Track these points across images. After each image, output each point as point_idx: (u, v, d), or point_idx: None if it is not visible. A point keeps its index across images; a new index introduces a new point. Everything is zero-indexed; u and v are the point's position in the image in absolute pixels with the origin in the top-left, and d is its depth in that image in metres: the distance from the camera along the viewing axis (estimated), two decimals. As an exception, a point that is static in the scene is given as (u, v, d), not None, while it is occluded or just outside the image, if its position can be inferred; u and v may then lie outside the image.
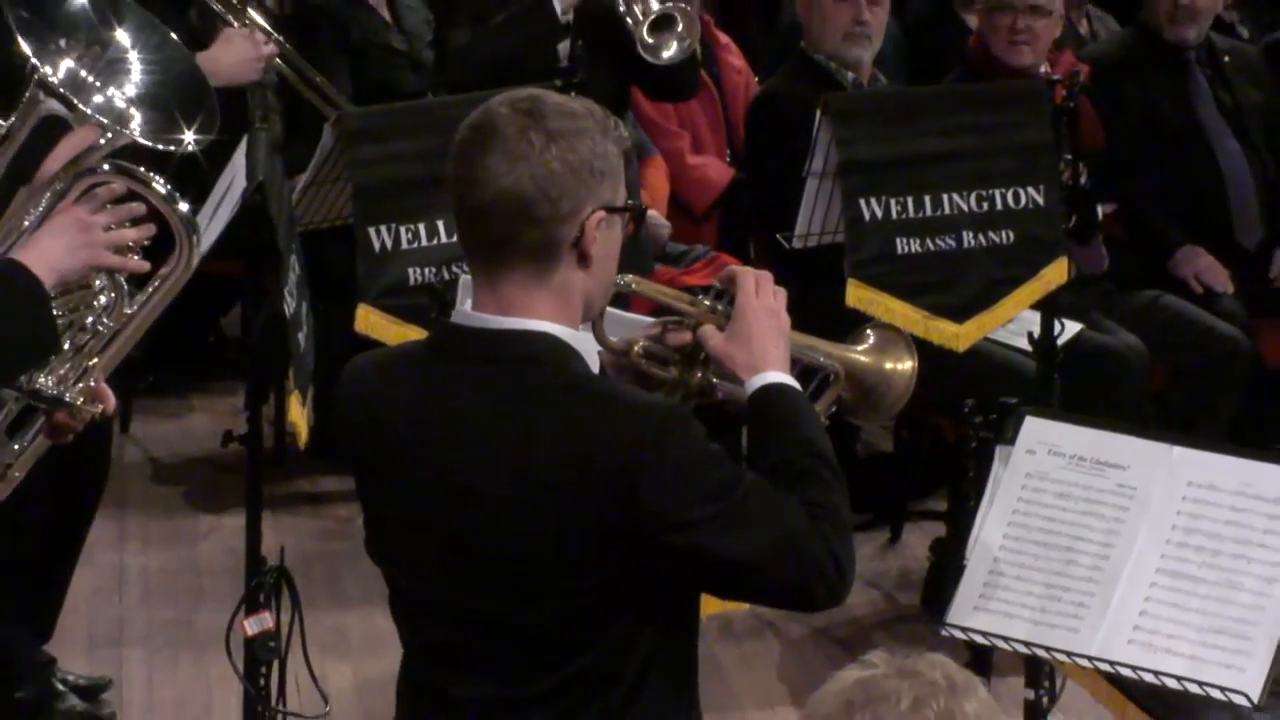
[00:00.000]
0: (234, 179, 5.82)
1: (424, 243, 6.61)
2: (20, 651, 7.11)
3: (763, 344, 4.31)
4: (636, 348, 4.48)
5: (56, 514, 6.87)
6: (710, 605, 4.39)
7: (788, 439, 4.21)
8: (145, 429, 9.61)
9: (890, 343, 4.76)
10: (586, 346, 4.18)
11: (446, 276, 6.40)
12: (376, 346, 6.78)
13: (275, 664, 6.09)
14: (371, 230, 6.57)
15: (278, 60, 8.03)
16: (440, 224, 6.62)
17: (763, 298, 4.37)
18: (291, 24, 8.72)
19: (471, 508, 4.08)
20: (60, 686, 7.33)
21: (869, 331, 4.77)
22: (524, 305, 4.11)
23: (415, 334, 6.30)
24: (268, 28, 8.07)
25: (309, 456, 8.30)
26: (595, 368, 4.20)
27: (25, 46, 5.00)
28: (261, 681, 6.10)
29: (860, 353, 4.71)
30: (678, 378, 4.47)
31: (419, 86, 8.57)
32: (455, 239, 6.46)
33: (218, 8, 7.82)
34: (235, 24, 7.46)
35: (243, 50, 7.10)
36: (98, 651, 7.74)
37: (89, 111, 4.97)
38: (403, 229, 6.61)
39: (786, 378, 4.30)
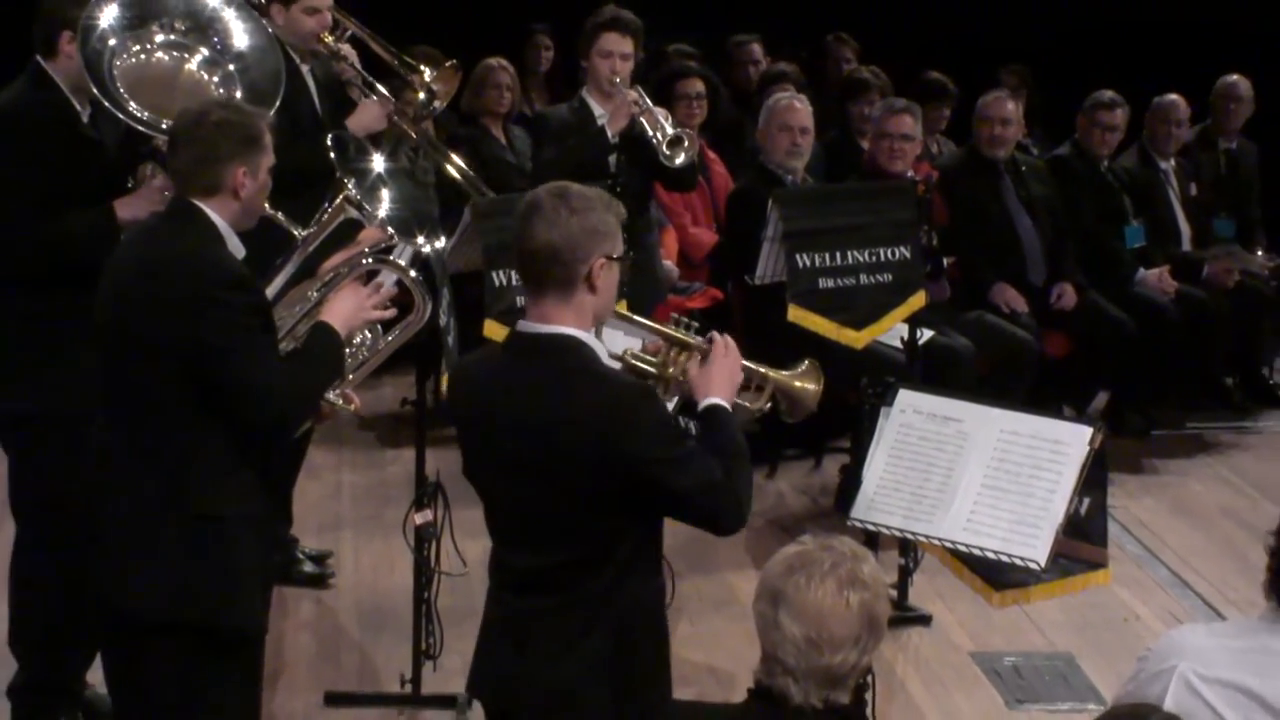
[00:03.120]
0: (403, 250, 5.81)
1: (525, 280, 6.60)
2: (276, 532, 7.14)
3: (717, 382, 4.39)
4: (628, 354, 4.57)
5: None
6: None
7: (719, 435, 4.28)
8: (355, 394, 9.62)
9: (808, 372, 4.83)
10: (595, 344, 4.22)
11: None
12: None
13: (433, 542, 6.10)
14: (494, 273, 6.54)
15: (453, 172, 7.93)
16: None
17: (728, 357, 4.45)
18: (448, 146, 8.70)
19: (521, 445, 4.12)
20: (300, 555, 7.35)
21: (804, 363, 4.83)
22: (556, 317, 4.15)
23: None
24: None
25: (450, 410, 8.34)
26: (604, 358, 4.24)
27: (347, 181, 5.08)
28: (425, 553, 6.12)
29: (787, 376, 4.77)
30: (657, 375, 4.53)
31: (523, 185, 8.53)
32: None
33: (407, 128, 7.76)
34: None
35: (372, 111, 7.02)
36: (323, 533, 7.74)
37: (380, 217, 5.04)
38: (513, 272, 6.59)
39: (722, 401, 4.37)
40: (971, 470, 5.22)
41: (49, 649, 5.94)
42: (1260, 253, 10.04)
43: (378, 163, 5.38)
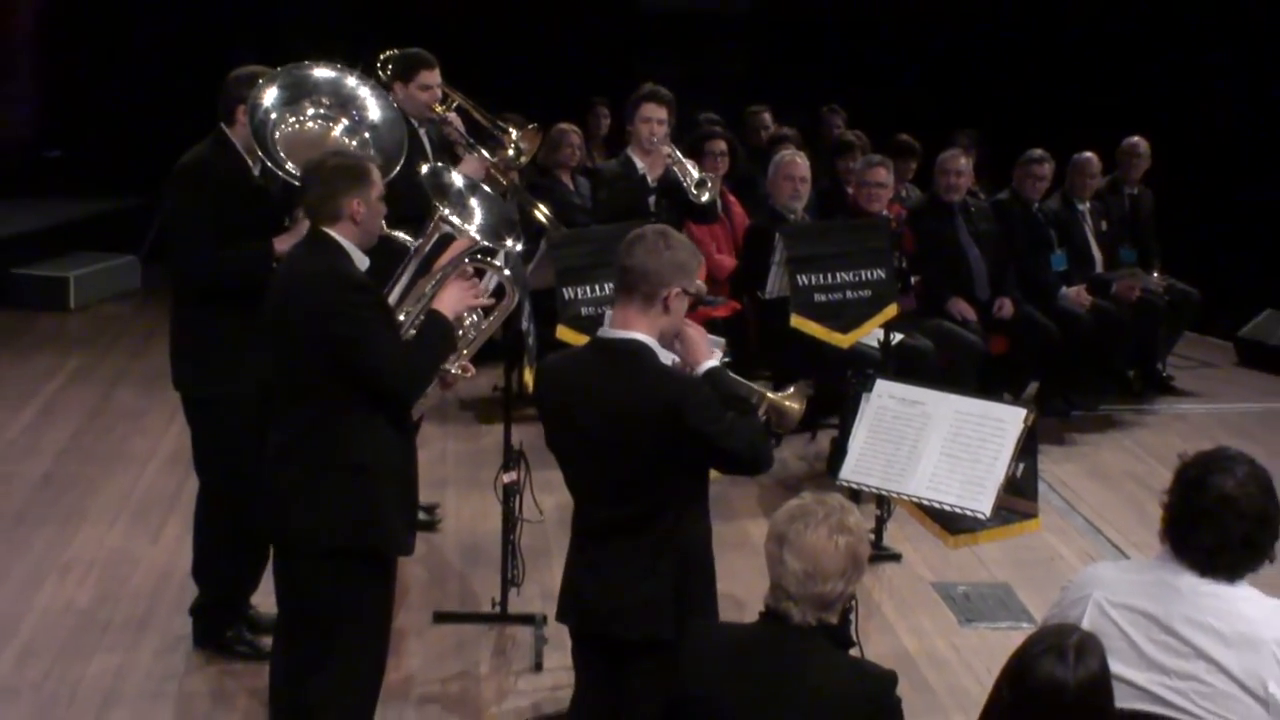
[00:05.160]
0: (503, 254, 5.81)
1: (588, 295, 6.59)
2: (414, 475, 7.11)
3: (698, 351, 4.28)
4: None
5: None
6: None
7: (726, 391, 4.23)
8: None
9: (797, 394, 4.69)
10: (658, 347, 4.18)
11: (598, 312, 6.36)
12: (566, 345, 6.78)
13: (517, 496, 6.09)
14: (565, 289, 6.55)
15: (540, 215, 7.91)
16: (596, 286, 6.60)
17: (692, 329, 4.31)
18: (530, 192, 8.69)
19: (602, 423, 4.10)
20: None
21: (791, 387, 4.72)
22: (633, 323, 4.13)
23: (585, 340, 6.28)
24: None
25: (534, 397, 8.31)
26: (667, 362, 4.20)
27: (436, 203, 5.08)
28: (510, 504, 6.11)
29: (778, 396, 4.66)
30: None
31: (586, 221, 8.53)
32: (605, 293, 6.49)
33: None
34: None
35: (473, 165, 6.99)
36: (430, 489, 7.70)
37: (468, 230, 5.04)
38: (578, 288, 6.58)
39: (714, 363, 4.28)
40: (933, 442, 5.19)
41: (223, 577, 5.97)
42: (1155, 274, 10.01)
43: (458, 178, 5.40)
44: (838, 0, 14.23)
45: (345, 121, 5.74)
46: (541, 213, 7.67)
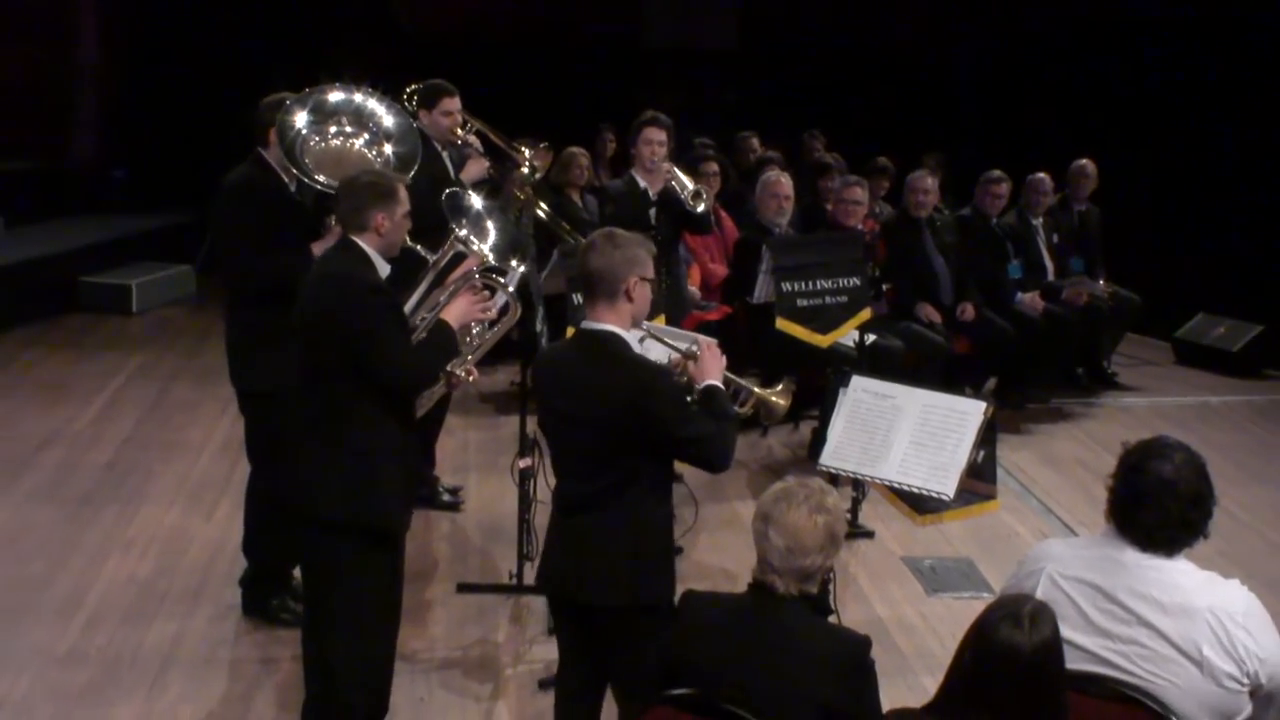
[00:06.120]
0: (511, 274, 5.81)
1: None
2: (423, 472, 7.11)
3: (709, 371, 4.31)
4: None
5: (430, 414, 6.83)
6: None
7: (714, 406, 4.21)
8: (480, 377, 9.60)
9: (783, 390, 4.70)
10: (632, 339, 4.19)
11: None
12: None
13: (532, 480, 6.08)
14: (574, 295, 6.51)
15: (540, 214, 7.86)
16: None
17: (711, 352, 4.37)
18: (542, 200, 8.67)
19: (576, 404, 4.09)
20: (440, 489, 7.32)
21: (780, 384, 4.72)
22: (604, 317, 4.13)
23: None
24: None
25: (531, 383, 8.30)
26: (635, 348, 4.20)
27: (453, 224, 5.07)
28: (526, 487, 6.09)
29: (766, 392, 4.66)
30: (679, 372, 4.42)
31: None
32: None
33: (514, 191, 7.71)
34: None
35: (477, 166, 6.98)
36: (455, 474, 7.72)
37: (479, 249, 5.04)
38: (586, 294, 6.57)
39: (715, 382, 4.30)
40: (903, 431, 5.19)
41: (269, 552, 5.96)
42: (1101, 282, 10.00)
43: (477, 201, 5.40)
44: (818, 38, 14.26)
45: (365, 135, 5.75)
46: (571, 235, 7.65)
